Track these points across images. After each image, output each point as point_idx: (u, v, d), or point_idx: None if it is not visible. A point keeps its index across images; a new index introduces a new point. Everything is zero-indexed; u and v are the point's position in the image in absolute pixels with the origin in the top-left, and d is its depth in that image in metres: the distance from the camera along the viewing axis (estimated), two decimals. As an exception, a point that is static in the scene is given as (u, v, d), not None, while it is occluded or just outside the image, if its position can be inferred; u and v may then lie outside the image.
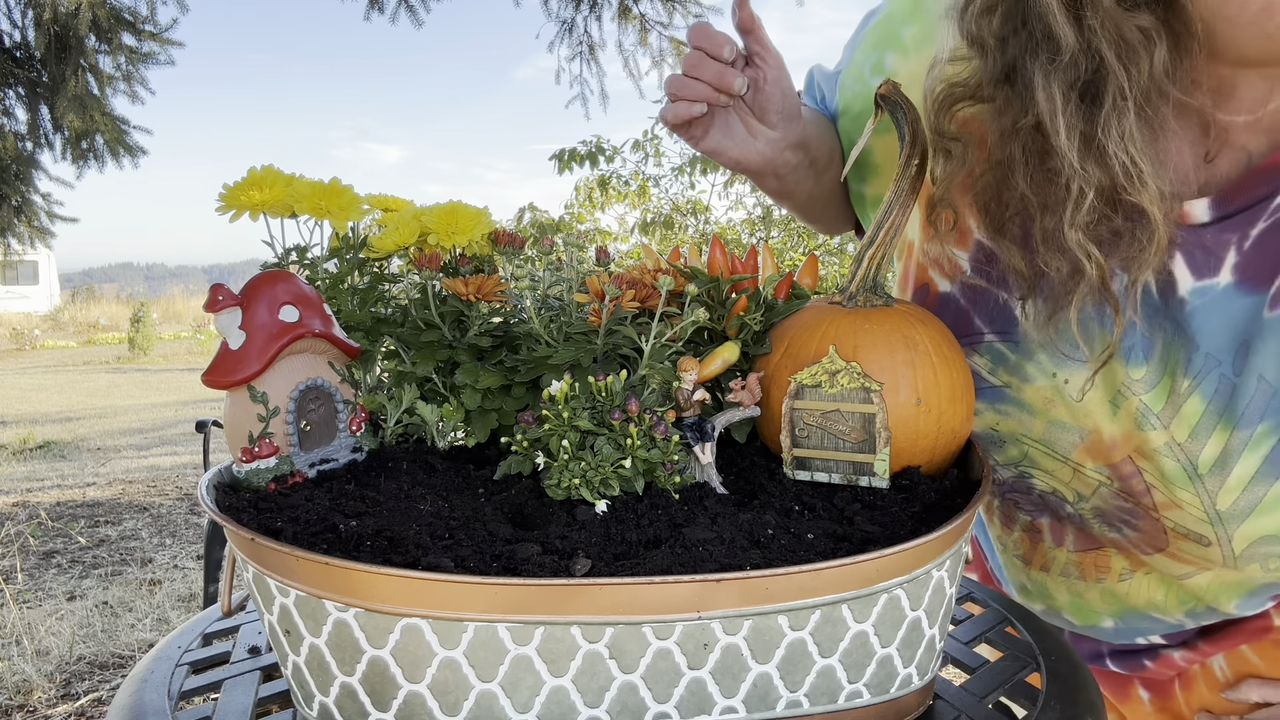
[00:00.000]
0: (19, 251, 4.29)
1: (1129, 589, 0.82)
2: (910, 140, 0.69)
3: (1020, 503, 0.83)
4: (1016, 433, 0.78)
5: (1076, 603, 0.87)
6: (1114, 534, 0.78)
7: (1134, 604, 0.83)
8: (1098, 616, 0.87)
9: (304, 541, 0.55)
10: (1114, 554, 0.80)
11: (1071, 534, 0.82)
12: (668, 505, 0.62)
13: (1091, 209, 0.61)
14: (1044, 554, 0.86)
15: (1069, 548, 0.83)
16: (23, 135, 3.72)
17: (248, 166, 0.74)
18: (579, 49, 4.27)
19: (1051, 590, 0.88)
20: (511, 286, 0.75)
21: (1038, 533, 0.86)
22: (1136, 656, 0.87)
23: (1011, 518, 0.87)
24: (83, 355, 14.61)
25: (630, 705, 0.53)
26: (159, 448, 6.03)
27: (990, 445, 0.81)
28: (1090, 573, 0.83)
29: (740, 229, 4.64)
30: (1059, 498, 0.79)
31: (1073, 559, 0.84)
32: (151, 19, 3.63)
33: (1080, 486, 0.77)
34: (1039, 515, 0.83)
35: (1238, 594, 0.77)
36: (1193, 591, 0.79)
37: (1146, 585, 0.81)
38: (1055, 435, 0.75)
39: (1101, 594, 0.84)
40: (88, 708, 2.33)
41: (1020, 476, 0.81)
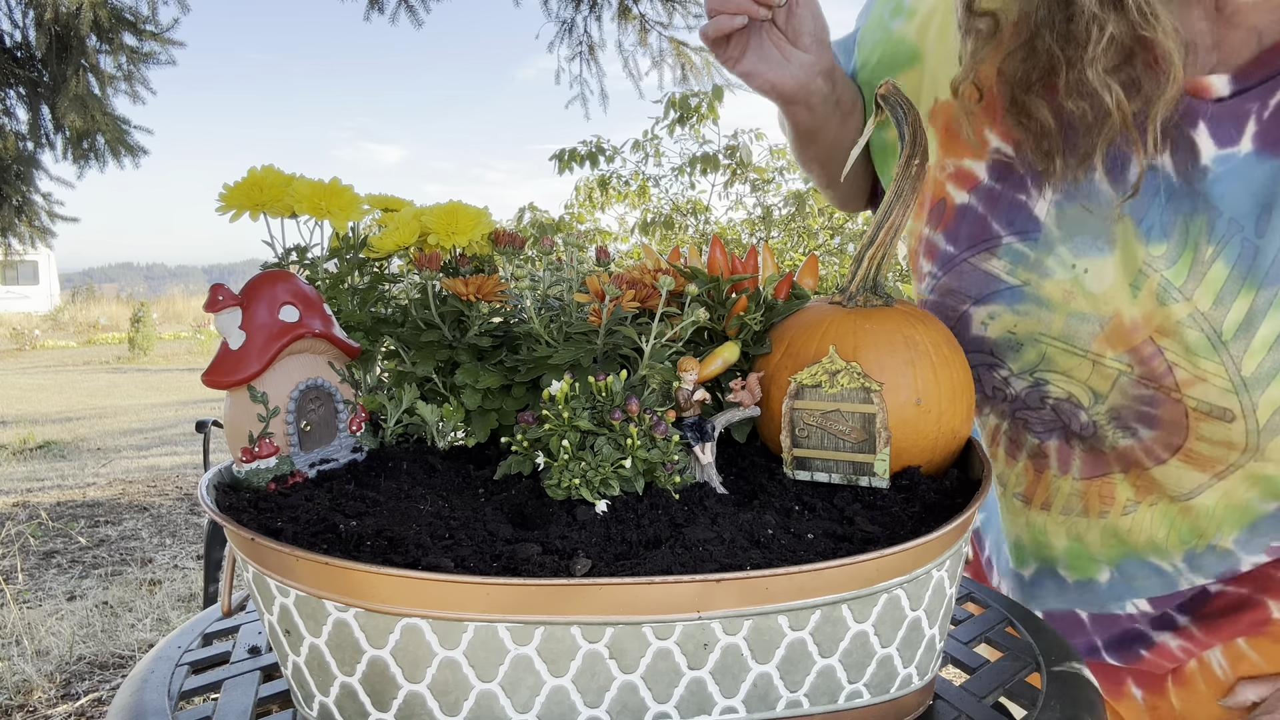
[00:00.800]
0: (20, 251, 4.29)
1: (1131, 525, 0.81)
2: (910, 140, 0.69)
3: (1031, 422, 0.83)
4: (1035, 332, 0.79)
5: (1074, 549, 0.86)
6: (1128, 440, 0.77)
7: (1134, 545, 0.82)
8: (1095, 566, 0.85)
9: (304, 541, 0.55)
10: (1119, 482, 0.80)
11: (1079, 457, 0.82)
12: (668, 505, 0.62)
13: (1109, 49, 0.68)
14: (1046, 488, 0.85)
15: (1075, 475, 0.83)
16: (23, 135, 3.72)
17: (248, 166, 0.74)
18: (579, 49, 4.27)
19: (1049, 536, 0.87)
20: (511, 286, 0.75)
21: (1043, 459, 0.84)
22: (1133, 646, 0.86)
23: (1019, 444, 0.86)
24: (83, 355, 14.62)
25: (630, 705, 0.53)
26: (159, 448, 6.03)
27: (1007, 352, 0.81)
28: (1094, 506, 0.82)
29: (740, 229, 4.64)
30: (1074, 404, 0.79)
31: (1076, 490, 0.83)
32: (153, 19, 3.63)
33: (1098, 383, 0.77)
34: (1048, 437, 0.83)
35: (1240, 523, 0.77)
36: (1195, 524, 0.78)
37: (1149, 520, 0.80)
38: (1075, 328, 0.76)
39: (1102, 534, 0.83)
40: (88, 708, 2.33)
41: (1035, 386, 0.81)
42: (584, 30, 4.23)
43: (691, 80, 4.30)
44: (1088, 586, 0.87)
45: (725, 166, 4.45)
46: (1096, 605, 0.88)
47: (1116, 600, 0.86)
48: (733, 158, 4.42)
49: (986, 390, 0.86)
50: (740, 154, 4.37)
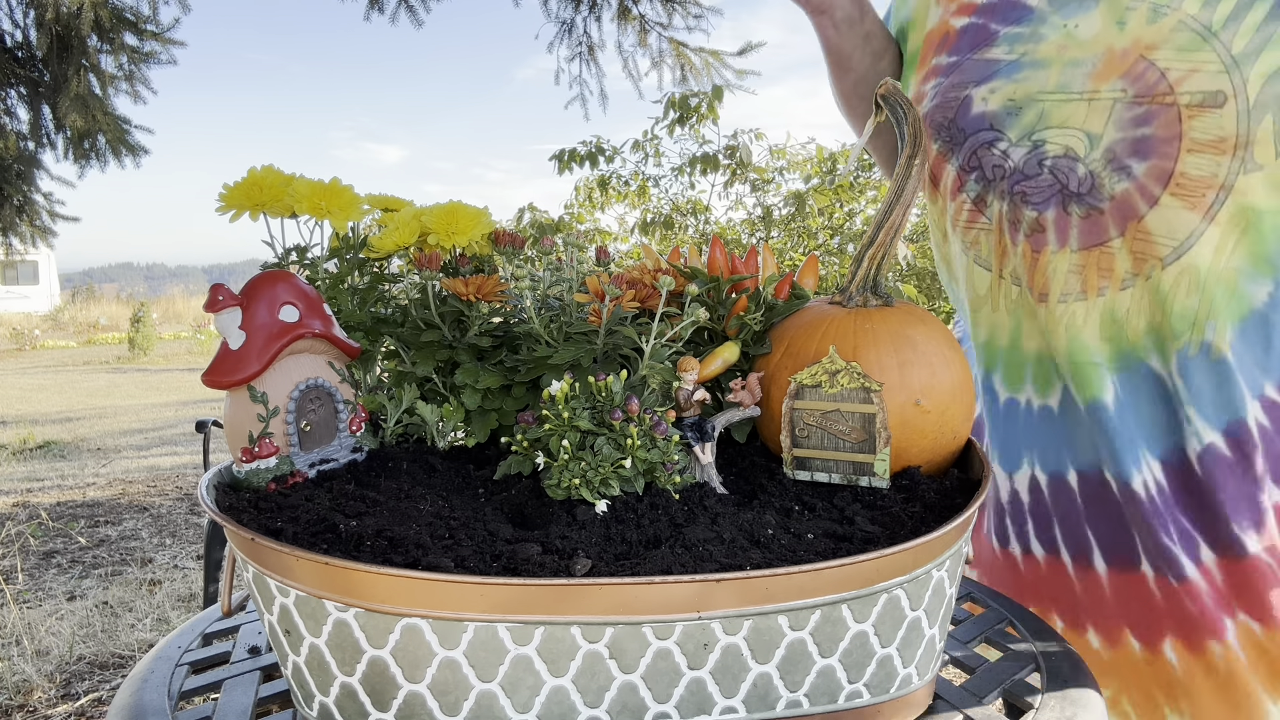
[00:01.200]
0: (21, 251, 4.29)
1: (1129, 308, 0.81)
2: (910, 140, 0.69)
3: (1029, 193, 0.84)
4: (1033, 92, 0.85)
5: (1074, 351, 0.84)
6: (1123, 182, 0.79)
7: (1131, 332, 0.81)
8: (1098, 375, 0.83)
9: (304, 541, 0.55)
10: (1117, 250, 0.80)
11: (1076, 225, 0.82)
12: (668, 505, 0.62)
13: None
14: (1045, 273, 0.85)
15: (1072, 246, 0.83)
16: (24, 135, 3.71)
17: (248, 166, 0.74)
18: (578, 49, 4.26)
19: (1050, 334, 0.86)
20: (511, 286, 0.75)
21: (1041, 235, 0.84)
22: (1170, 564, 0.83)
23: (1017, 223, 0.86)
24: (83, 355, 14.62)
25: (630, 705, 0.53)
26: (159, 448, 6.03)
27: (1006, 120, 0.86)
28: (1092, 284, 0.82)
29: (740, 229, 4.64)
30: (1070, 157, 0.82)
31: (1075, 265, 0.82)
32: (154, 19, 3.62)
33: (1094, 123, 0.81)
34: (1046, 206, 0.83)
35: (1231, 315, 0.77)
36: (1187, 306, 0.78)
37: (1146, 298, 0.80)
38: (1069, 75, 0.83)
39: (1100, 323, 0.82)
40: (88, 708, 2.33)
41: (1033, 149, 0.84)
42: (583, 31, 4.23)
43: (691, 81, 4.29)
44: (1099, 416, 0.84)
45: (725, 166, 4.45)
46: (1114, 457, 0.85)
47: (1130, 447, 0.83)
48: (733, 158, 4.41)
49: (988, 173, 0.88)
50: (740, 154, 4.37)
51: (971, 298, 0.94)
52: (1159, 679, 0.87)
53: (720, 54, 4.22)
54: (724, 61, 4.23)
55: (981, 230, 0.91)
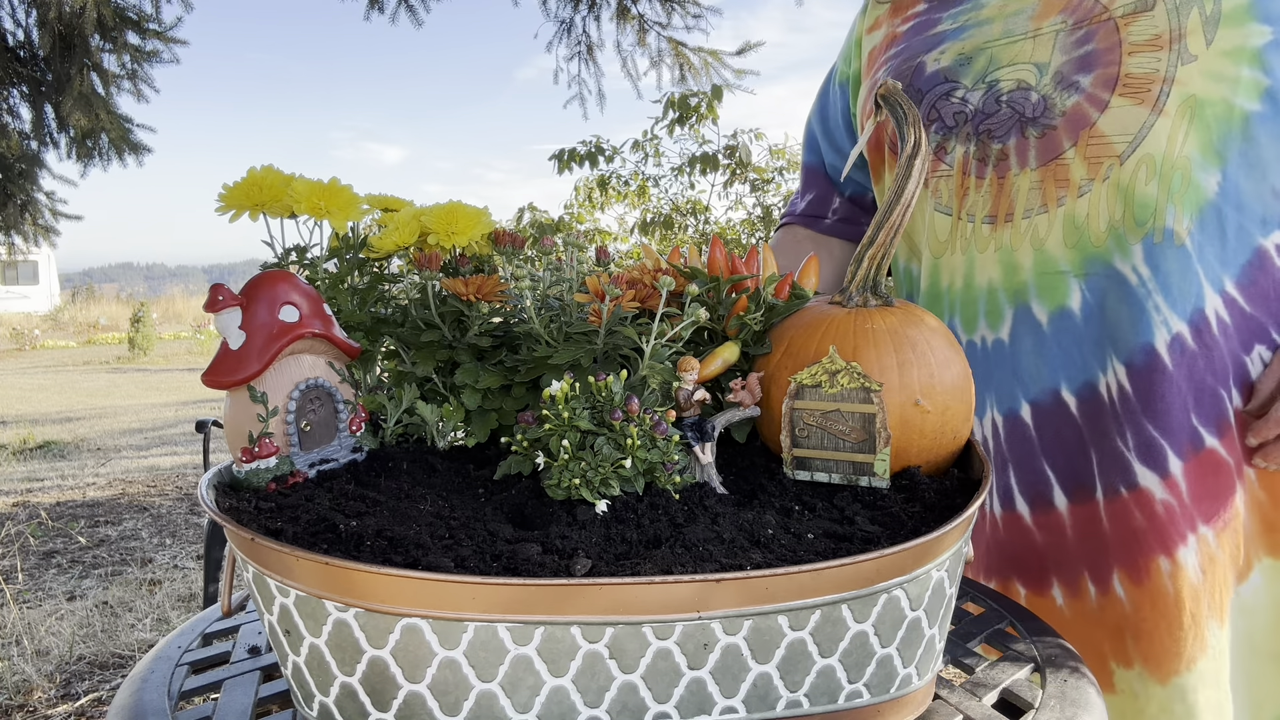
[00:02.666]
0: (23, 250, 4.29)
1: (1089, 210, 0.84)
2: (910, 140, 0.69)
3: (994, 130, 0.89)
4: (980, 43, 0.92)
5: (1040, 264, 0.87)
6: (1073, 96, 0.84)
7: (1094, 235, 0.84)
8: (1063, 284, 0.86)
9: (304, 541, 0.55)
10: (1072, 160, 0.85)
11: (1034, 145, 0.87)
12: (668, 505, 0.62)
13: None
14: (1009, 195, 0.89)
15: (1032, 164, 0.87)
16: (27, 134, 3.72)
17: (248, 166, 0.74)
18: (577, 49, 4.26)
19: (1015, 255, 0.88)
20: (511, 286, 0.75)
21: (1005, 162, 0.89)
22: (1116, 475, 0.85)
23: (985, 159, 0.90)
24: (83, 355, 14.61)
25: (630, 705, 0.53)
26: (159, 448, 6.03)
27: (960, 70, 0.93)
28: (1051, 194, 0.86)
29: (740, 229, 4.63)
30: (1023, 88, 0.87)
31: (1035, 182, 0.87)
32: (156, 17, 3.62)
33: (1040, 55, 0.87)
34: (1007, 137, 0.88)
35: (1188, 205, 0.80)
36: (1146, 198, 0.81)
37: (1104, 198, 0.83)
38: (1012, 23, 0.90)
39: (1063, 229, 0.85)
40: (88, 708, 2.33)
41: (989, 90, 0.90)
42: (582, 30, 4.23)
43: (690, 80, 4.29)
44: (1065, 326, 0.87)
45: (725, 166, 4.45)
46: (1077, 366, 0.87)
47: (1096, 351, 0.85)
48: (732, 158, 4.41)
49: (948, 121, 0.93)
50: (740, 154, 4.37)
51: (933, 245, 0.97)
52: (1108, 625, 0.87)
53: (719, 53, 4.22)
54: (723, 61, 4.23)
55: (941, 177, 0.95)
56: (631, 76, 4.28)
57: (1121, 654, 0.86)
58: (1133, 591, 0.85)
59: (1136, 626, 0.84)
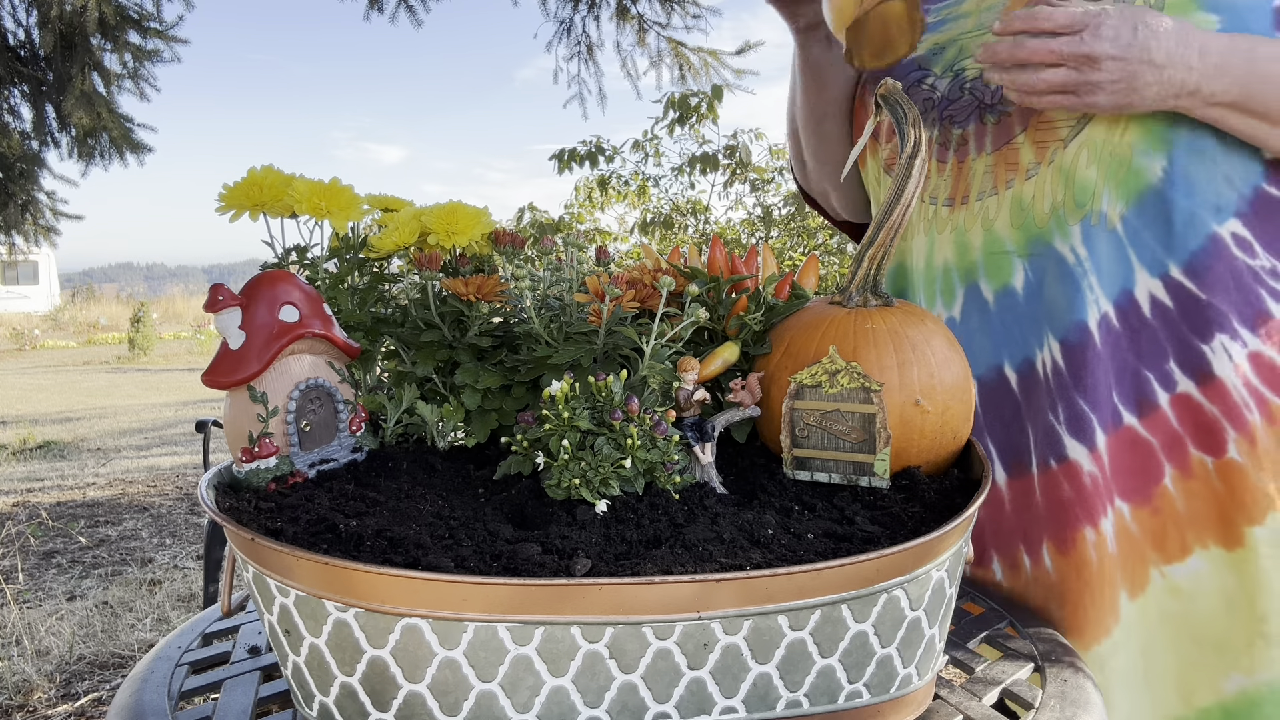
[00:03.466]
0: (24, 250, 4.29)
1: (1034, 193, 0.87)
2: (910, 140, 0.69)
3: (955, 116, 0.93)
4: (953, 35, 0.95)
5: (989, 244, 0.90)
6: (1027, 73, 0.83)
7: (1038, 216, 0.87)
8: (1008, 263, 0.89)
9: (304, 541, 0.55)
10: (1022, 145, 0.88)
11: (990, 132, 0.90)
12: (668, 505, 0.62)
13: None
14: (966, 177, 0.92)
15: (988, 149, 0.90)
16: (28, 134, 3.71)
17: (248, 166, 0.74)
18: (577, 49, 4.26)
19: (969, 235, 0.92)
20: (511, 286, 0.75)
21: (965, 147, 0.92)
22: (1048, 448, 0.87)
23: (946, 144, 0.94)
24: (83, 355, 14.61)
25: (630, 705, 0.53)
26: (159, 448, 6.03)
27: (932, 59, 0.96)
28: (1001, 177, 0.89)
29: (740, 229, 4.63)
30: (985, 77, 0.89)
31: (988, 166, 0.90)
32: (157, 16, 3.62)
33: None
34: (967, 122, 0.92)
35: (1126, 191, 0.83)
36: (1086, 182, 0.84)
37: (1049, 181, 0.87)
38: (986, 17, 0.93)
39: (1011, 210, 0.89)
40: (88, 708, 2.33)
41: (955, 77, 0.94)
42: (582, 30, 4.23)
43: (689, 80, 4.29)
44: (1008, 304, 0.90)
45: (725, 166, 4.45)
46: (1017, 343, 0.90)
47: (1034, 329, 0.88)
48: (732, 158, 4.41)
49: (918, 104, 0.96)
50: (740, 154, 4.37)
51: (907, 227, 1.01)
52: (1038, 597, 0.90)
53: (719, 53, 4.22)
54: (722, 61, 4.23)
55: None
56: (631, 76, 4.28)
57: (1052, 623, 0.88)
58: (1059, 561, 0.87)
59: (1062, 595, 0.87)
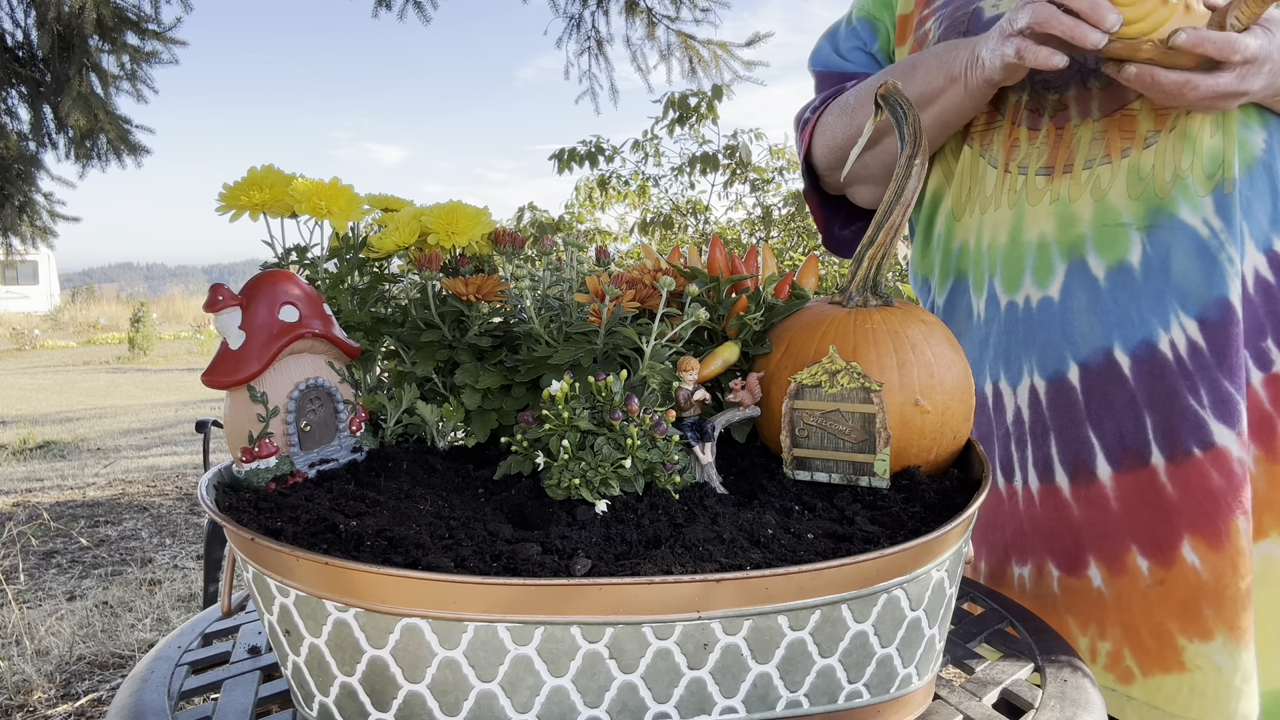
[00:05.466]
0: (21, 251, 4.29)
1: (1154, 162, 0.82)
2: (910, 140, 0.69)
3: (1050, 80, 0.87)
4: None
5: (1101, 213, 0.84)
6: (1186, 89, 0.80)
7: (1159, 186, 0.82)
8: (1124, 237, 0.84)
9: (304, 541, 0.55)
10: (1139, 111, 0.83)
11: (1096, 96, 0.85)
12: (668, 505, 0.62)
13: None
14: (1069, 147, 0.86)
15: (1095, 115, 0.85)
16: (26, 135, 3.71)
17: (248, 166, 0.75)
18: (587, 44, 4.27)
19: (1073, 208, 0.86)
20: (511, 286, 0.75)
21: (1064, 112, 0.86)
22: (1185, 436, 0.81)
23: (1040, 111, 0.88)
24: (83, 355, 14.61)
25: (630, 705, 0.53)
26: (159, 448, 6.03)
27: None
28: (1115, 145, 0.84)
29: (740, 229, 4.64)
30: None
31: (1098, 132, 0.85)
32: (155, 18, 3.62)
33: None
34: (1066, 87, 0.86)
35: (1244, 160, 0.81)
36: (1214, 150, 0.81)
37: (1170, 149, 0.82)
38: None
39: (1127, 180, 0.83)
40: (88, 708, 2.33)
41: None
42: (591, 25, 4.23)
43: (700, 73, 4.29)
44: (1122, 281, 0.84)
45: (725, 166, 4.45)
46: (1133, 324, 0.84)
47: (1157, 307, 0.83)
48: (732, 157, 4.41)
49: None
50: (740, 154, 4.37)
51: (980, 200, 0.94)
52: (1176, 600, 0.82)
53: (728, 45, 4.22)
54: (732, 53, 4.24)
55: (996, 130, 0.93)
56: (642, 70, 4.28)
57: (1199, 627, 0.81)
58: (1211, 557, 0.80)
59: (1218, 594, 0.80)
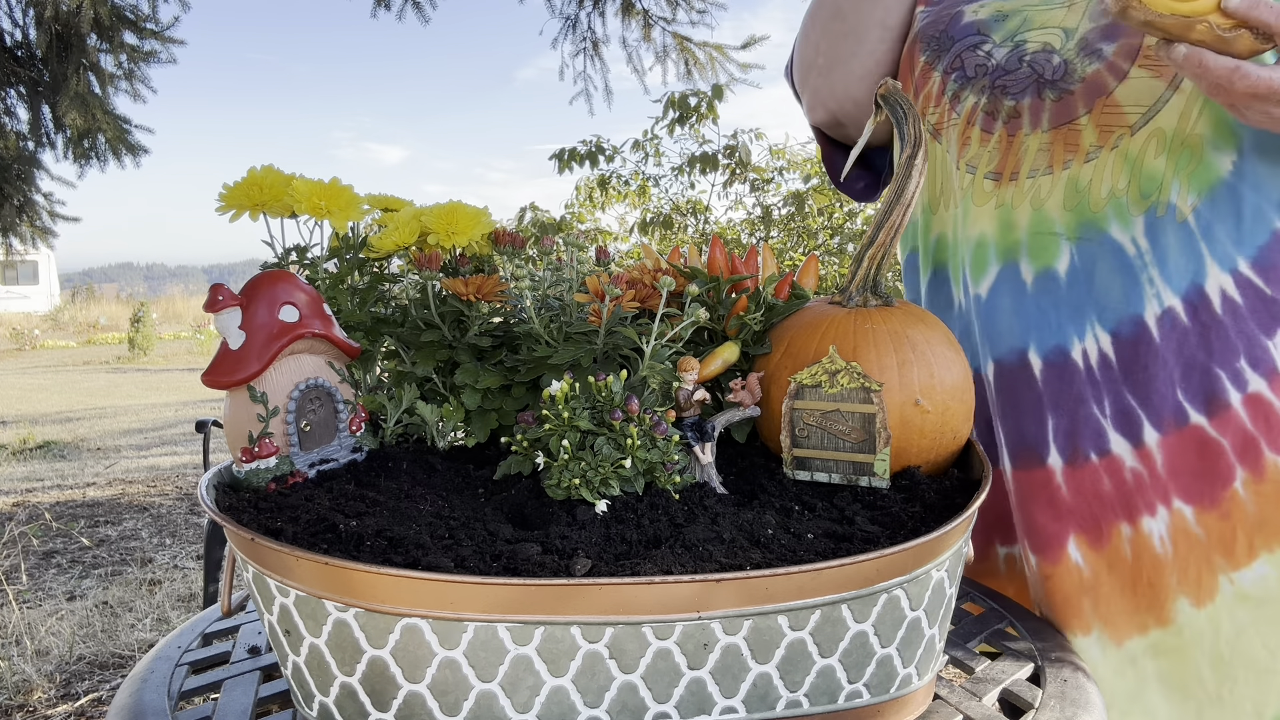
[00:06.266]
0: (21, 251, 4.29)
1: (1092, 176, 0.84)
2: (910, 139, 0.69)
3: (1009, 86, 0.89)
4: (1019, 5, 0.91)
5: (1037, 221, 0.87)
6: (1094, 64, 0.83)
7: (1094, 203, 0.84)
8: (1055, 245, 0.86)
9: (304, 541, 0.55)
10: (1085, 125, 0.85)
11: (1049, 108, 0.87)
12: (668, 505, 0.62)
13: None
14: (1017, 153, 0.89)
15: (1044, 127, 0.87)
16: (24, 135, 3.71)
17: (248, 167, 0.74)
18: (582, 45, 4.27)
19: (1015, 212, 0.89)
20: (511, 286, 0.75)
21: (1017, 120, 0.88)
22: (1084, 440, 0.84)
23: (995, 114, 0.90)
24: (83, 355, 14.61)
25: (630, 705, 0.53)
26: (159, 448, 6.03)
27: (993, 25, 0.92)
28: (1059, 157, 0.86)
29: (740, 229, 4.63)
30: (1047, 51, 0.87)
31: (1044, 144, 0.87)
32: (153, 17, 3.62)
33: (1070, 21, 0.87)
34: (1023, 95, 0.88)
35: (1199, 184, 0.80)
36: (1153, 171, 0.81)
37: (1110, 167, 0.83)
38: None
39: (1065, 191, 0.85)
40: (88, 708, 2.33)
41: (1015, 49, 0.90)
42: (588, 26, 4.23)
43: (695, 75, 4.29)
44: (1047, 287, 0.87)
45: (725, 166, 4.45)
46: (1050, 329, 0.86)
47: (1075, 316, 0.85)
48: (732, 157, 4.41)
49: (969, 72, 0.93)
50: (740, 154, 4.37)
51: (930, 200, 0.99)
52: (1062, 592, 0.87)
53: (724, 48, 4.22)
54: (728, 55, 4.24)
55: (952, 126, 0.95)
56: (638, 72, 4.29)
57: (1079, 620, 0.86)
58: (1090, 556, 0.85)
59: (1094, 589, 0.85)
